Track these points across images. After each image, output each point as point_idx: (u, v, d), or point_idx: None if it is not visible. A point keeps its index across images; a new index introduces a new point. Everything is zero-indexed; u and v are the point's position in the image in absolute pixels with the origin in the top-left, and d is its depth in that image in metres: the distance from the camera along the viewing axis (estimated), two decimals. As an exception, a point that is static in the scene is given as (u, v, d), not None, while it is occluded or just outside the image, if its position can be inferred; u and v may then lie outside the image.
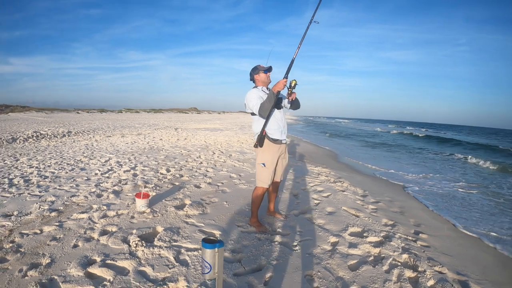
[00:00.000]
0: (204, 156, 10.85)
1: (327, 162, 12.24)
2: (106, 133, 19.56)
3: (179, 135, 18.55)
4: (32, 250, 3.79)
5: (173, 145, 13.84)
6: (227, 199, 6.00)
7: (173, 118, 50.84)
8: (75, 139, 15.97)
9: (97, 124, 29.79)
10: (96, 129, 23.09)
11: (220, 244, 1.73)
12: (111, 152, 11.51)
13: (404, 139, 33.30)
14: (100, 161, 9.43)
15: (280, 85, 4.14)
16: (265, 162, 4.50)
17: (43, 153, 10.98)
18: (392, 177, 10.28)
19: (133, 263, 3.51)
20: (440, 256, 4.20)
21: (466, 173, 12.55)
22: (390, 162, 14.58)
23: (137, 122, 35.77)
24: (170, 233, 4.29)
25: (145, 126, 28.22)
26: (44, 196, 5.83)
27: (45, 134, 17.38)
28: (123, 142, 14.87)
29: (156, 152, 11.70)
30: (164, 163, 9.30)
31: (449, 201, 7.70)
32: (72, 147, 12.90)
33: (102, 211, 5.12)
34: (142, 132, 20.87)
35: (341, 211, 5.65)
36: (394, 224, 5.24)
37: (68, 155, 10.55)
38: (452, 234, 5.38)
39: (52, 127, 23.11)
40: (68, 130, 20.70)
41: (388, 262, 3.85)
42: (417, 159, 16.34)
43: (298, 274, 3.49)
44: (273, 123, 4.46)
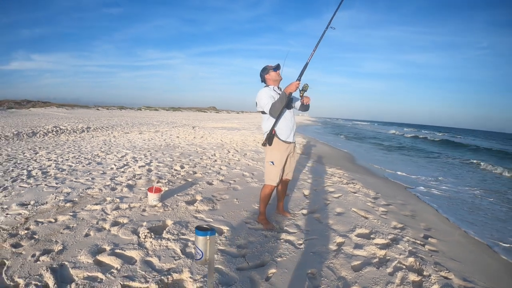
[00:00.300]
0: (219, 154, 10.92)
1: (342, 163, 12.16)
2: (124, 130, 19.81)
3: (196, 134, 18.68)
4: (45, 237, 3.94)
5: (189, 143, 13.96)
6: (238, 196, 6.06)
7: (191, 117, 51.13)
8: (93, 135, 16.24)
9: (115, 120, 30.15)
10: (115, 125, 23.39)
11: (212, 232, 1.80)
12: (128, 148, 11.70)
13: (419, 143, 33.10)
14: (116, 156, 9.61)
15: (292, 87, 4.20)
16: (274, 160, 4.53)
17: (62, 147, 11.23)
18: (404, 180, 10.22)
19: (141, 253, 3.62)
20: (448, 262, 4.14)
21: (483, 179, 12.31)
22: (404, 165, 14.45)
23: (155, 119, 36.03)
24: (179, 226, 4.39)
25: (163, 123, 28.45)
26: (60, 187, 6.01)
27: (64, 129, 17.68)
28: (140, 138, 15.06)
29: (172, 149, 11.83)
30: (179, 160, 9.41)
31: (462, 207, 7.61)
32: (91, 142, 13.15)
33: (115, 203, 5.25)
34: (159, 129, 21.07)
35: (350, 212, 5.64)
36: (403, 227, 5.19)
37: (86, 150, 10.78)
38: (462, 240, 5.31)
39: (71, 122, 23.48)
40: (87, 126, 20.98)
41: (393, 265, 3.83)
42: (431, 163, 16.18)
43: (301, 271, 3.52)
44: (283, 123, 4.50)
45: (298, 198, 6.33)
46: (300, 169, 9.24)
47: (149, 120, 33.24)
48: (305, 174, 8.69)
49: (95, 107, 70.40)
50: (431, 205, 7.42)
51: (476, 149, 28.89)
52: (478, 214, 7.14)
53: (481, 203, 8.14)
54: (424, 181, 10.70)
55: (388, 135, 44.87)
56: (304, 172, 8.88)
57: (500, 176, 13.56)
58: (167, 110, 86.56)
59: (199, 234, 1.78)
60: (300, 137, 21.71)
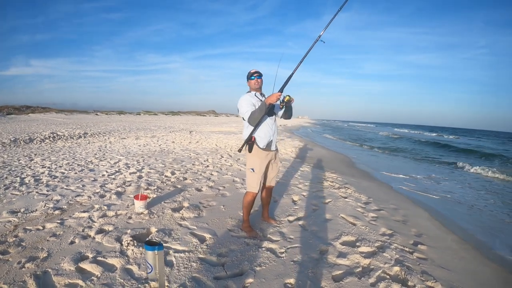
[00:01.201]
0: (211, 160, 10.94)
1: (337, 167, 12.10)
2: (121, 135, 19.86)
3: (191, 138, 18.70)
4: (32, 244, 4.03)
5: (183, 148, 14.00)
6: (225, 203, 6.08)
7: (190, 121, 51.08)
8: (90, 141, 16.30)
9: (113, 126, 30.21)
10: (112, 131, 23.45)
11: (160, 247, 1.86)
12: (122, 154, 11.76)
13: (412, 144, 33.31)
14: (109, 163, 9.67)
15: (273, 98, 4.18)
16: (254, 167, 4.54)
17: (57, 154, 11.30)
18: (395, 182, 10.22)
19: (122, 261, 3.69)
20: (436, 270, 4.06)
21: (477, 183, 12.17)
22: (398, 168, 14.44)
23: (153, 124, 36.09)
24: (162, 234, 4.44)
25: (160, 128, 28.48)
26: (51, 195, 6.09)
27: (61, 135, 17.72)
28: (136, 144, 15.12)
29: (165, 154, 11.87)
30: (171, 166, 9.44)
31: (457, 211, 7.61)
32: (86, 148, 13.22)
33: (102, 211, 5.32)
34: (156, 134, 21.12)
35: (338, 219, 5.61)
36: (392, 234, 5.14)
37: (80, 156, 10.84)
38: (454, 246, 5.15)
39: (69, 128, 23.52)
40: (84, 131, 21.02)
41: (376, 275, 3.77)
42: (424, 165, 16.22)
43: (279, 281, 3.50)
44: (262, 130, 4.51)
45: (286, 204, 6.32)
46: (292, 174, 9.26)
47: (147, 125, 33.28)
48: (297, 179, 8.68)
49: (94, 112, 70.51)
50: (422, 207, 7.34)
51: (460, 150, 28.75)
52: (475, 219, 7.11)
53: (479, 208, 8.04)
54: (417, 183, 10.66)
55: (386, 136, 45.01)
56: (295, 177, 8.88)
57: (478, 176, 13.55)
58: (166, 114, 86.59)
59: (148, 249, 1.83)
60: (297, 140, 21.68)
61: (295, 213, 5.81)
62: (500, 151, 29.75)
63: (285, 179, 8.50)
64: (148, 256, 1.85)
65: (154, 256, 1.84)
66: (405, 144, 32.26)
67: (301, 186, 7.82)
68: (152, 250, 1.84)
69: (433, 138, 47.78)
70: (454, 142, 39.54)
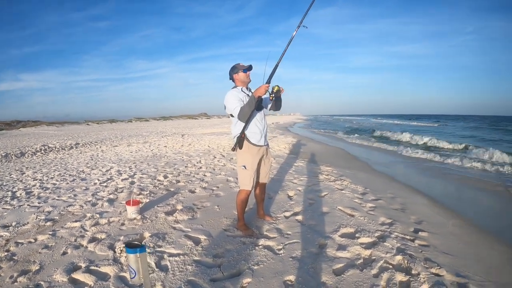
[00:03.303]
0: (204, 161, 10.87)
1: (331, 160, 12.07)
2: (113, 143, 19.75)
3: (184, 141, 18.62)
4: (24, 258, 3.94)
5: (176, 152, 13.93)
6: (219, 203, 6.02)
7: (181, 125, 50.98)
8: (82, 150, 16.20)
9: (105, 134, 30.09)
10: (104, 139, 23.35)
11: (142, 249, 1.76)
12: (114, 161, 11.68)
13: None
14: (101, 171, 9.57)
15: (261, 90, 4.07)
16: (245, 164, 4.45)
17: (49, 166, 11.18)
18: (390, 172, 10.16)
19: (115, 269, 3.61)
20: (439, 256, 3.99)
21: (477, 167, 12.04)
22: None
23: (145, 130, 35.98)
24: (155, 238, 4.36)
25: (152, 134, 28.38)
26: (43, 206, 5.99)
27: (53, 147, 17.61)
28: (128, 151, 15.02)
29: (158, 159, 11.79)
30: (163, 170, 9.37)
31: (458, 194, 7.66)
32: (78, 158, 13.12)
33: (94, 219, 5.23)
34: (148, 140, 21.01)
35: (335, 211, 5.56)
36: (392, 223, 5.08)
37: (72, 167, 10.74)
38: (456, 231, 5.07)
39: (60, 140, 23.39)
40: (76, 142, 20.93)
41: (378, 265, 3.72)
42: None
43: (278, 279, 3.43)
44: (253, 126, 4.40)
45: (282, 200, 6.26)
46: (287, 170, 9.22)
47: (139, 132, 33.16)
48: (291, 174, 8.63)
49: (85, 122, 70.28)
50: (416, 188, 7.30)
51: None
52: (476, 202, 7.17)
53: (480, 192, 8.11)
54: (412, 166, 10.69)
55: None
56: (290, 173, 8.84)
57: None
58: (158, 120, 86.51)
59: (129, 252, 1.75)
60: (290, 136, 21.70)
61: (291, 208, 5.75)
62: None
63: (280, 175, 8.46)
64: (130, 259, 1.77)
65: (137, 259, 1.76)
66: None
67: (296, 181, 7.77)
68: (134, 253, 1.75)
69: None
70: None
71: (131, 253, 1.75)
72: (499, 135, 30.03)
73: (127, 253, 1.76)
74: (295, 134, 26.29)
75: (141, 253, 1.77)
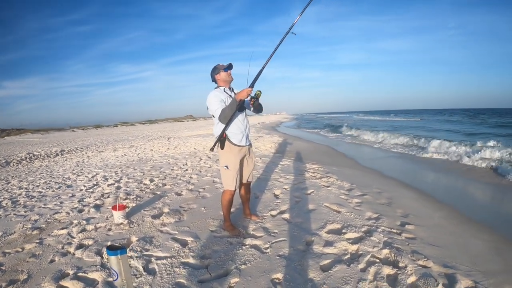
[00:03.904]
0: (190, 163, 10.88)
1: (317, 158, 12.16)
2: (98, 149, 19.64)
3: (170, 144, 18.57)
4: (12, 267, 3.91)
5: (162, 155, 13.89)
6: (205, 204, 6.04)
7: (167, 128, 50.80)
8: (67, 157, 16.08)
9: (91, 140, 29.93)
10: (89, 145, 23.22)
11: (122, 251, 1.78)
12: (100, 167, 11.61)
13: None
14: (87, 177, 9.52)
15: (244, 94, 4.11)
16: (228, 164, 4.48)
17: (34, 174, 11.10)
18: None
19: (103, 274, 3.60)
20: (426, 248, 4.06)
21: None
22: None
23: (131, 135, 35.81)
24: (143, 242, 4.37)
25: (138, 138, 28.29)
26: (29, 215, 5.94)
27: (38, 155, 17.48)
28: (113, 156, 14.94)
29: (144, 163, 11.76)
30: (150, 173, 9.35)
31: (441, 187, 7.82)
32: (63, 165, 13.02)
33: (81, 225, 5.22)
34: (134, 144, 20.94)
35: (321, 208, 5.60)
36: (378, 217, 5.15)
37: (57, 174, 10.66)
38: (442, 222, 5.20)
39: (46, 147, 23.20)
40: (61, 149, 20.78)
41: (365, 260, 3.76)
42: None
43: (265, 278, 3.46)
44: (234, 126, 4.42)
45: (268, 199, 6.30)
46: (273, 169, 9.28)
47: (124, 136, 33.02)
48: (277, 173, 8.68)
49: (71, 128, 69.70)
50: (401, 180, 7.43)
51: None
52: (462, 192, 7.24)
53: (466, 181, 8.21)
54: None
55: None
56: (276, 171, 8.89)
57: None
58: (144, 123, 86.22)
59: (110, 254, 1.77)
60: (276, 136, 21.76)
61: (278, 207, 5.79)
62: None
63: (266, 174, 8.50)
64: (111, 262, 1.79)
65: (118, 261, 1.78)
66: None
67: (282, 180, 7.82)
68: (115, 255, 1.78)
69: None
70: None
71: (112, 255, 1.78)
72: (475, 128, 30.69)
73: (108, 255, 1.79)
74: (281, 134, 26.36)
75: (122, 254, 1.79)
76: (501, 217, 5.70)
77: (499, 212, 6.02)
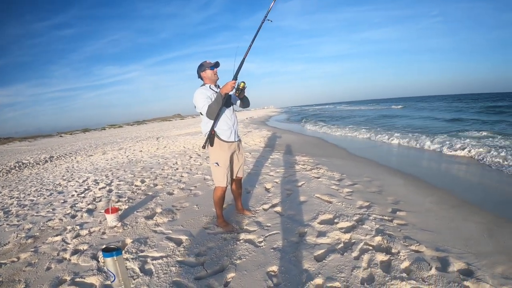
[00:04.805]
0: (180, 162, 10.88)
1: (307, 150, 12.22)
2: (87, 153, 19.50)
3: (159, 144, 18.51)
4: (9, 277, 3.92)
5: (151, 155, 13.86)
6: (198, 202, 6.07)
7: (156, 128, 50.54)
8: (57, 164, 15.93)
9: (79, 145, 29.66)
10: (78, 150, 23.02)
11: (118, 252, 1.82)
12: (90, 171, 11.56)
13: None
14: (78, 182, 9.48)
15: (228, 87, 4.11)
16: (218, 161, 4.50)
17: (25, 182, 10.99)
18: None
19: (100, 278, 3.64)
20: (418, 233, 4.14)
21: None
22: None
23: (119, 137, 35.57)
24: (137, 244, 4.40)
25: (127, 140, 28.10)
26: (22, 224, 5.92)
27: (27, 163, 17.31)
28: (103, 159, 14.86)
29: (134, 164, 11.73)
30: (140, 175, 9.35)
31: (431, 172, 7.95)
32: (53, 172, 12.91)
33: (75, 231, 5.22)
34: (123, 146, 20.81)
35: (313, 199, 5.66)
36: (369, 206, 5.24)
37: (48, 181, 10.58)
38: (433, 207, 5.23)
39: (34, 154, 22.95)
40: (50, 155, 20.58)
41: (358, 248, 3.83)
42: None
43: (261, 271, 3.52)
44: (222, 122, 4.44)
45: (259, 193, 6.35)
46: (263, 163, 9.33)
47: (113, 139, 32.77)
48: (268, 167, 8.73)
49: (58, 134, 69.20)
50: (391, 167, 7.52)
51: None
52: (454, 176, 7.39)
53: (454, 166, 8.32)
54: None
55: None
56: (266, 166, 8.94)
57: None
58: (132, 125, 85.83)
59: (106, 256, 1.80)
60: (265, 130, 21.79)
61: (270, 200, 5.84)
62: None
63: (256, 169, 8.55)
64: (108, 264, 1.81)
65: (114, 262, 1.81)
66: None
67: (273, 174, 7.88)
68: (111, 257, 1.80)
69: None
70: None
71: (108, 257, 1.80)
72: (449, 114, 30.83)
73: (104, 257, 1.81)
74: (270, 127, 26.40)
75: (117, 256, 1.82)
76: (491, 198, 5.76)
77: (489, 193, 6.08)
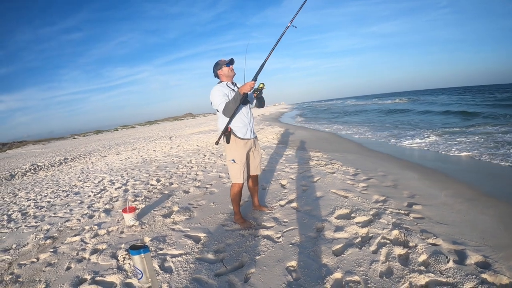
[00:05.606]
0: (195, 160, 10.90)
1: (320, 145, 12.16)
2: (101, 154, 19.66)
3: (172, 143, 18.55)
4: (29, 278, 3.96)
5: (165, 154, 13.90)
6: (214, 200, 6.07)
7: (168, 127, 50.74)
8: (71, 165, 16.08)
9: (93, 146, 29.92)
10: (92, 151, 23.22)
11: (145, 249, 1.81)
12: (105, 171, 11.63)
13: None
14: (94, 183, 9.55)
15: (247, 87, 4.12)
16: (234, 158, 4.51)
17: (40, 184, 11.10)
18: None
19: (121, 276, 3.65)
20: (435, 227, 4.11)
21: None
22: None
23: (132, 137, 35.76)
24: (156, 242, 4.42)
25: (140, 140, 28.23)
26: (40, 225, 5.98)
27: (42, 165, 17.48)
28: (117, 159, 14.96)
29: (148, 164, 11.77)
30: (155, 174, 9.39)
31: (445, 165, 7.84)
32: (69, 173, 13.03)
33: (93, 231, 5.25)
34: (137, 146, 20.93)
35: (329, 194, 5.63)
36: (385, 200, 5.19)
37: (63, 182, 10.68)
38: (448, 200, 5.17)
39: (49, 157, 23.20)
40: (64, 157, 20.78)
41: (376, 242, 3.81)
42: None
43: (280, 266, 3.50)
44: (238, 119, 4.44)
45: (275, 189, 6.33)
46: (277, 159, 9.29)
47: (126, 139, 32.94)
48: (282, 163, 8.70)
49: (71, 136, 69.76)
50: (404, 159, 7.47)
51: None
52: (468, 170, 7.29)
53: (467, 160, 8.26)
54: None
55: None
56: (281, 162, 8.90)
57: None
58: (144, 125, 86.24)
59: (133, 254, 1.79)
60: (277, 126, 21.76)
61: (286, 196, 5.82)
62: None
63: (271, 165, 8.52)
64: (135, 261, 1.81)
65: (142, 260, 1.80)
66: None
67: (287, 170, 7.85)
68: (138, 254, 1.79)
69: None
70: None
71: (135, 254, 1.80)
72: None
73: (132, 255, 1.81)
74: (282, 124, 26.39)
75: (145, 253, 1.81)
76: (506, 191, 5.64)
77: (504, 187, 5.98)
